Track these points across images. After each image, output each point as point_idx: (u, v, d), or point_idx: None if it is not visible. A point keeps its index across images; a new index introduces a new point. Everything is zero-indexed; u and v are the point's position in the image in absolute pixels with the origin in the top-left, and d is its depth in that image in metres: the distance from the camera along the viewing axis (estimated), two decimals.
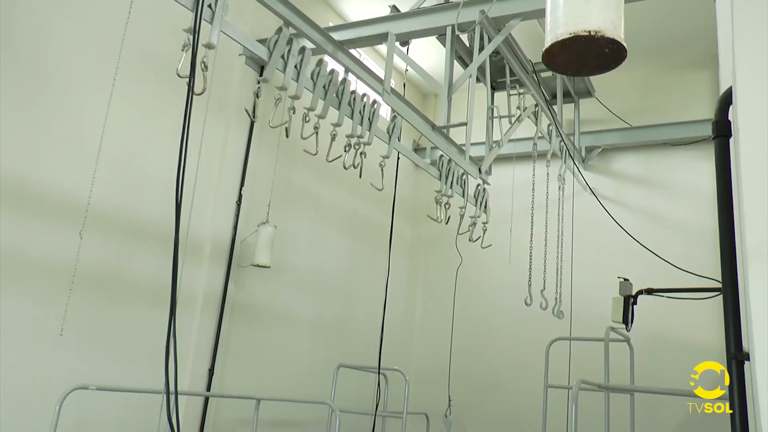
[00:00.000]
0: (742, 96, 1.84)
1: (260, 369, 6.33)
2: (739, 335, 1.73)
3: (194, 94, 3.55)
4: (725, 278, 1.75)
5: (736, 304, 1.71)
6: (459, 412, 7.29)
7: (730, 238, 1.75)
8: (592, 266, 7.52)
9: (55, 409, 3.87)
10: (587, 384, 4.35)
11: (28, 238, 4.43)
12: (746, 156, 1.61)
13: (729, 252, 1.74)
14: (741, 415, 1.72)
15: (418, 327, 8.82)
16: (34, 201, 4.50)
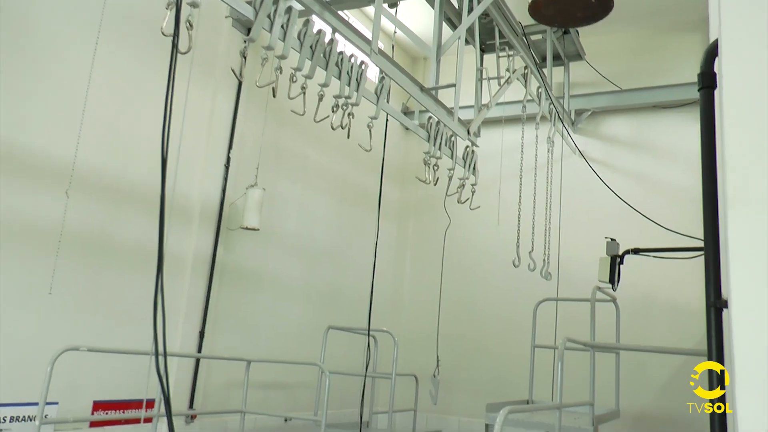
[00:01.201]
0: (727, 47, 1.84)
1: (250, 332, 6.38)
2: (719, 283, 1.76)
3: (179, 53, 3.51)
4: (707, 226, 1.77)
5: (717, 253, 1.73)
6: (447, 373, 7.40)
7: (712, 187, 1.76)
8: (580, 228, 7.58)
9: (46, 370, 3.89)
10: (573, 342, 4.41)
11: (14, 200, 4.41)
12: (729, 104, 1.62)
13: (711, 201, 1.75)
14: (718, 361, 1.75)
15: (407, 289, 8.89)
16: (18, 163, 4.46)
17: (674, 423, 7.22)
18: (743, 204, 1.49)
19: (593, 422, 4.81)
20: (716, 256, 1.75)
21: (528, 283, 6.91)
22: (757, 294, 1.62)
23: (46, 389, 3.87)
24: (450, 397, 8.05)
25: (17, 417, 4.41)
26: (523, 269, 6.25)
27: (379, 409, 6.85)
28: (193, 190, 5.76)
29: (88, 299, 4.91)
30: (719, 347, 1.77)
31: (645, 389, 7.34)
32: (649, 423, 7.33)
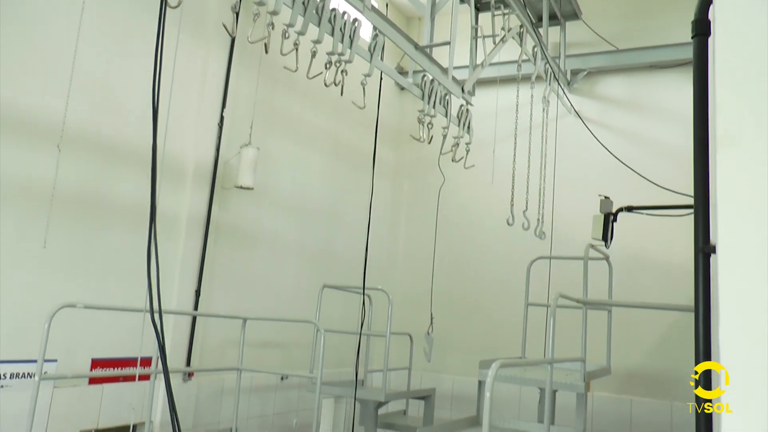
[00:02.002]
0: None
1: (246, 291, 6.42)
2: (707, 229, 1.77)
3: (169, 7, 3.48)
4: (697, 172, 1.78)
5: (706, 198, 1.75)
6: (441, 331, 7.48)
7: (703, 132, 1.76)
8: (574, 188, 7.60)
9: (44, 327, 3.92)
10: (566, 298, 4.46)
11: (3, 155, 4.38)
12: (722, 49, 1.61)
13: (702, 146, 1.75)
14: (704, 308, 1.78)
15: (402, 249, 8.95)
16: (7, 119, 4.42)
17: (664, 381, 7.35)
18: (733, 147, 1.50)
19: (584, 378, 4.89)
20: (705, 201, 1.76)
21: (522, 242, 6.95)
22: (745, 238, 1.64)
23: (44, 346, 3.90)
24: (444, 356, 8.15)
25: (17, 374, 4.46)
26: (517, 228, 6.28)
27: (374, 367, 6.92)
28: (186, 149, 5.74)
29: (83, 257, 4.93)
30: (706, 293, 1.80)
31: (636, 348, 7.44)
32: (639, 381, 7.46)
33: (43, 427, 4.60)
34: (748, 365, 1.68)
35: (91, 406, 4.97)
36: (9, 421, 4.36)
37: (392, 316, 6.14)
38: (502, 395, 7.48)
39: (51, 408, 4.64)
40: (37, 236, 4.50)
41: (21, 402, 4.19)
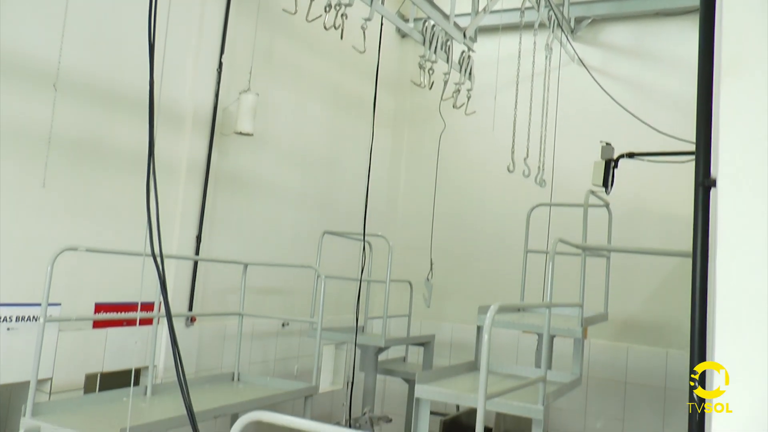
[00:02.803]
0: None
1: (247, 237, 6.45)
2: (708, 162, 1.77)
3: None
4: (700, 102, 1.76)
5: (708, 129, 1.73)
6: (440, 278, 7.55)
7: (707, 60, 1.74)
8: (575, 136, 7.56)
9: (47, 269, 3.95)
10: (565, 243, 4.48)
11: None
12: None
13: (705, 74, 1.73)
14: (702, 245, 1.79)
15: (402, 196, 8.98)
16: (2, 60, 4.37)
17: (660, 328, 7.45)
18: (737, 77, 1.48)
19: (582, 323, 4.95)
20: (707, 133, 1.76)
21: (522, 190, 6.96)
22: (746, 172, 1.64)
23: (48, 288, 3.93)
24: (443, 304, 8.25)
25: (22, 317, 4.52)
26: (517, 176, 6.27)
27: (374, 314, 7.01)
28: (184, 94, 5.70)
29: (83, 201, 4.93)
30: (705, 228, 1.80)
31: (633, 296, 7.53)
32: (635, 328, 7.56)
33: (50, 370, 4.68)
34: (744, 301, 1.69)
35: (95, 350, 5.04)
36: (17, 364, 4.43)
37: (392, 263, 6.19)
38: (500, 343, 7.58)
39: (57, 351, 4.72)
40: (36, 176, 4.49)
41: (27, 345, 4.26)
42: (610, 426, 7.63)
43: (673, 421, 7.31)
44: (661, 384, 7.40)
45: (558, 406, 7.60)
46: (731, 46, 1.47)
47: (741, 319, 1.67)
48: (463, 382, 4.64)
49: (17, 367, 4.43)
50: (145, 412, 4.38)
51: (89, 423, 3.93)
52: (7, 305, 4.41)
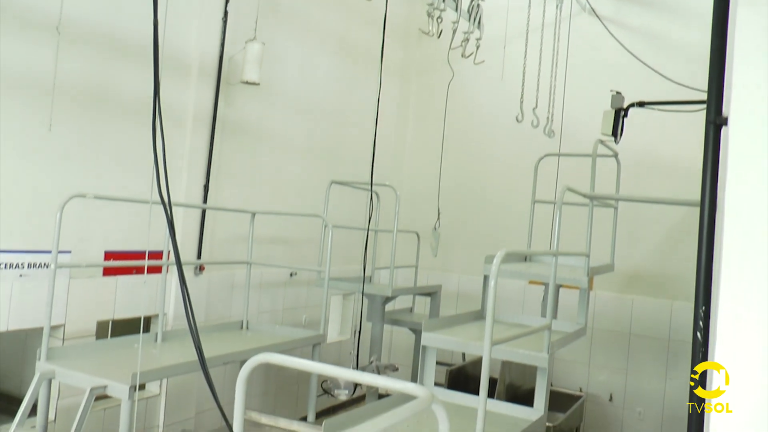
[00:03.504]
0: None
1: (254, 187, 6.46)
2: (721, 100, 1.75)
3: None
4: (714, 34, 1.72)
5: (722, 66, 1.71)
6: (447, 229, 7.56)
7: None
8: (585, 87, 7.47)
9: (56, 216, 3.97)
10: (573, 191, 4.47)
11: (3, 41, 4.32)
12: None
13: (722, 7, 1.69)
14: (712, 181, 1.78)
15: (409, 147, 8.96)
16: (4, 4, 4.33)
17: (666, 280, 7.48)
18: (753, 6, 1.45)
19: (588, 273, 4.97)
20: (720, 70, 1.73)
21: (530, 140, 6.92)
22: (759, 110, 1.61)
23: (57, 235, 3.96)
24: (450, 255, 8.29)
25: (34, 264, 4.57)
26: (525, 126, 6.22)
27: (381, 265, 7.05)
28: (189, 43, 5.64)
29: (89, 150, 4.92)
30: (714, 166, 1.79)
31: (639, 248, 7.54)
32: (641, 280, 7.60)
33: (62, 316, 4.76)
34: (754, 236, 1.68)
35: (106, 297, 5.11)
36: (30, 311, 4.51)
37: (399, 214, 6.20)
38: (506, 295, 7.64)
39: (68, 298, 4.79)
40: (42, 120, 4.48)
41: (40, 291, 4.31)
42: (613, 377, 7.74)
43: (675, 373, 7.40)
44: (665, 336, 7.47)
45: (562, 357, 7.69)
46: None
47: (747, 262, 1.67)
48: (469, 330, 4.69)
49: (31, 314, 4.51)
50: (156, 358, 4.47)
51: (102, 367, 4.01)
52: (18, 252, 4.46)
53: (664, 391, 7.50)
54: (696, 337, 1.66)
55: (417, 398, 2.16)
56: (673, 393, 7.45)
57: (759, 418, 1.58)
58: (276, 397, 6.98)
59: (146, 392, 5.59)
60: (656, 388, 7.53)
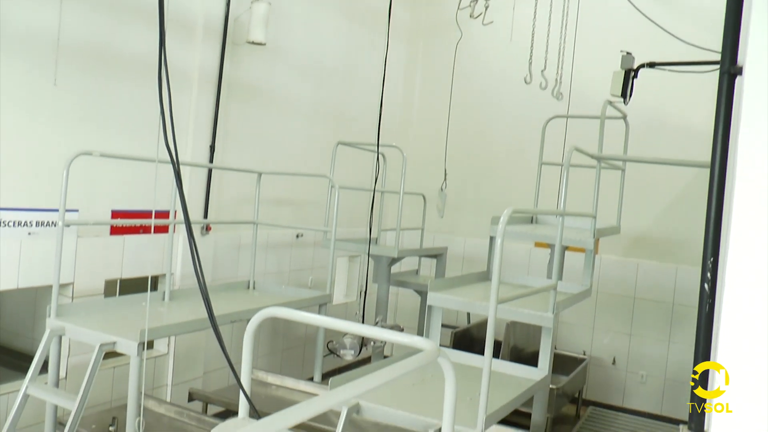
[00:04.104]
0: None
1: (260, 148, 6.45)
2: (735, 49, 1.72)
3: None
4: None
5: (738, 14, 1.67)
6: (454, 191, 7.55)
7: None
8: (595, 49, 7.35)
9: (63, 173, 3.97)
10: (580, 152, 4.44)
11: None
12: None
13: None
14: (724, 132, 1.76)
15: (417, 109, 8.90)
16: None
17: (671, 244, 7.47)
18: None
19: (594, 234, 4.96)
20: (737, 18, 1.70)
21: (538, 102, 6.84)
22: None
23: (65, 192, 3.96)
24: (456, 218, 8.29)
25: (42, 222, 4.59)
26: (534, 88, 6.15)
27: (387, 227, 7.06)
28: (195, 2, 5.58)
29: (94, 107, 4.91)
30: (727, 119, 1.77)
31: (646, 211, 7.52)
32: (646, 244, 7.60)
33: (71, 275, 4.80)
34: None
35: (113, 256, 5.15)
36: (39, 268, 4.55)
37: (405, 176, 6.19)
38: (512, 258, 7.67)
39: (76, 257, 4.82)
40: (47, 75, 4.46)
41: (48, 250, 4.34)
42: (616, 341, 7.79)
43: (679, 338, 7.44)
44: (670, 299, 7.49)
45: (566, 320, 7.74)
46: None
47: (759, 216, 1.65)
48: (475, 290, 4.70)
49: (40, 272, 4.55)
50: (164, 316, 4.51)
51: (110, 324, 4.06)
52: (26, 210, 4.48)
53: (666, 356, 7.55)
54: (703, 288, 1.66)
55: (423, 351, 2.17)
56: (675, 357, 7.50)
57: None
58: (282, 358, 7.06)
59: (154, 351, 5.66)
60: (659, 352, 7.58)
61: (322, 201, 6.46)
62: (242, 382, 2.39)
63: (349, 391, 1.79)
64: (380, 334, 2.35)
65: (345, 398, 1.76)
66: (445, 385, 2.26)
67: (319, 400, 1.69)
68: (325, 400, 1.69)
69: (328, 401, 1.71)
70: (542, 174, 6.23)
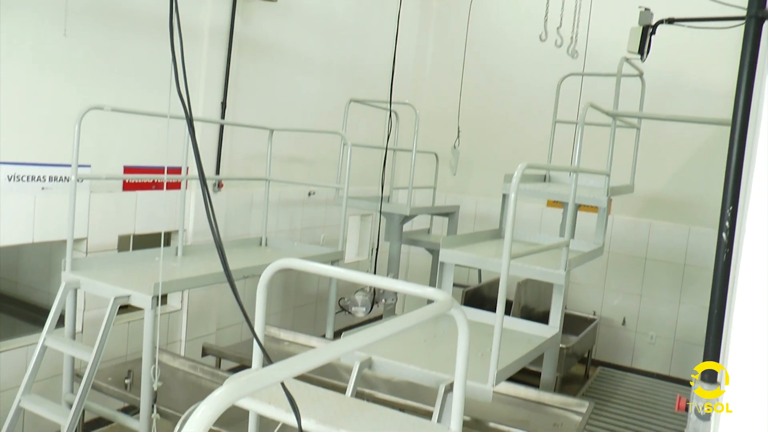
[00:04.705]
0: None
1: (272, 105, 6.41)
2: None
3: None
4: None
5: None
6: (466, 150, 7.48)
7: None
8: (612, 5, 7.21)
9: (74, 128, 3.97)
10: (595, 108, 4.38)
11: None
12: None
13: None
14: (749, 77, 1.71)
15: (430, 66, 8.80)
16: None
17: (685, 205, 7.42)
18: None
19: (608, 192, 4.93)
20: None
21: (553, 61, 6.74)
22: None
23: (77, 146, 3.96)
24: (468, 177, 8.26)
25: (55, 177, 4.61)
26: (549, 46, 6.04)
27: (399, 185, 7.04)
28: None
29: (105, 61, 4.88)
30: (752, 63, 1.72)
31: (660, 171, 7.46)
32: (660, 204, 7.55)
33: (85, 230, 4.83)
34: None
35: (126, 212, 5.17)
36: (54, 223, 4.58)
37: (418, 135, 6.14)
38: (524, 217, 7.65)
39: (90, 212, 4.85)
40: (57, 24, 4.40)
41: (62, 204, 4.35)
42: (627, 302, 7.80)
43: (689, 299, 7.44)
44: (681, 260, 7.47)
45: (577, 281, 7.75)
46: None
47: None
48: (487, 247, 4.70)
49: (54, 227, 4.58)
50: (177, 270, 4.55)
51: (124, 278, 4.09)
52: (39, 165, 4.50)
53: (676, 317, 7.56)
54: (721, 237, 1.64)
55: (436, 302, 2.18)
56: (685, 318, 7.51)
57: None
58: (294, 316, 7.13)
59: (168, 307, 5.72)
60: (669, 314, 7.59)
61: (334, 159, 6.44)
62: (256, 331, 2.40)
63: (363, 338, 1.79)
64: (393, 285, 2.36)
65: (358, 345, 1.76)
66: (458, 336, 2.27)
67: (333, 345, 1.70)
68: (338, 346, 1.70)
69: (342, 347, 1.71)
70: (556, 134, 6.18)
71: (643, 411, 6.61)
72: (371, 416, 2.31)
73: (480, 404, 4.12)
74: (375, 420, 2.27)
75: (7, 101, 4.28)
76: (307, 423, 2.21)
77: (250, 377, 1.35)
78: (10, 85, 4.26)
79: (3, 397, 4.40)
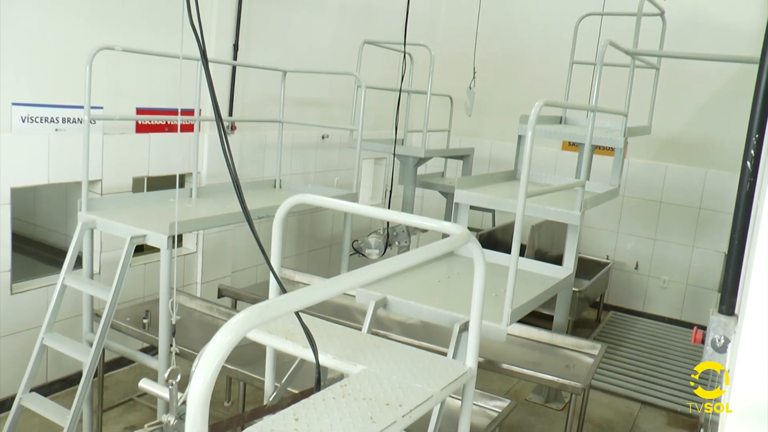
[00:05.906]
0: None
1: (285, 47, 6.31)
2: None
3: None
4: None
5: None
6: (482, 92, 7.37)
7: None
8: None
9: (86, 68, 3.93)
10: (614, 47, 4.28)
11: None
12: None
13: None
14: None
15: (445, 6, 8.63)
16: None
17: (701, 147, 7.33)
18: None
19: (625, 133, 4.86)
20: None
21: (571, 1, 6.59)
22: None
23: (89, 86, 3.92)
24: (483, 120, 8.18)
25: (68, 119, 4.61)
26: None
27: (413, 128, 6.97)
28: None
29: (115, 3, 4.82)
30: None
31: (678, 114, 7.35)
32: (676, 147, 7.46)
33: (99, 172, 4.85)
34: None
35: (140, 154, 5.17)
36: (68, 165, 4.60)
37: (433, 74, 6.05)
38: (540, 161, 7.57)
39: (103, 154, 4.86)
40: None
41: (76, 146, 4.35)
42: (640, 246, 7.79)
43: (703, 243, 7.41)
44: (696, 204, 7.42)
45: (591, 225, 7.73)
46: None
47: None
48: (502, 189, 4.67)
49: (69, 168, 4.61)
50: (192, 211, 4.57)
51: (140, 218, 4.11)
52: (52, 106, 4.49)
53: (690, 261, 7.55)
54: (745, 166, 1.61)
55: (453, 235, 2.17)
56: (698, 263, 7.50)
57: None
58: (309, 259, 7.18)
59: (183, 249, 5.78)
60: (682, 258, 7.58)
61: (348, 101, 6.37)
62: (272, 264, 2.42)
63: (379, 269, 1.79)
64: (409, 219, 2.35)
65: (376, 276, 1.76)
66: (475, 270, 2.28)
67: (350, 275, 1.70)
68: (355, 276, 1.70)
69: (359, 278, 1.71)
70: (573, 76, 6.05)
71: (655, 354, 6.67)
72: (387, 352, 2.33)
73: (493, 345, 4.17)
74: (391, 355, 2.29)
75: (18, 43, 4.25)
76: (324, 358, 2.24)
77: (268, 303, 1.36)
78: (21, 26, 4.23)
79: (26, 336, 4.51)
